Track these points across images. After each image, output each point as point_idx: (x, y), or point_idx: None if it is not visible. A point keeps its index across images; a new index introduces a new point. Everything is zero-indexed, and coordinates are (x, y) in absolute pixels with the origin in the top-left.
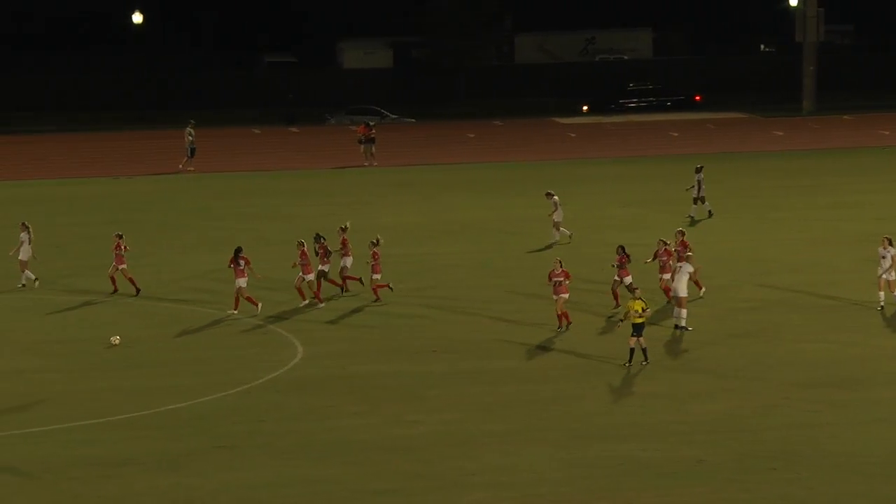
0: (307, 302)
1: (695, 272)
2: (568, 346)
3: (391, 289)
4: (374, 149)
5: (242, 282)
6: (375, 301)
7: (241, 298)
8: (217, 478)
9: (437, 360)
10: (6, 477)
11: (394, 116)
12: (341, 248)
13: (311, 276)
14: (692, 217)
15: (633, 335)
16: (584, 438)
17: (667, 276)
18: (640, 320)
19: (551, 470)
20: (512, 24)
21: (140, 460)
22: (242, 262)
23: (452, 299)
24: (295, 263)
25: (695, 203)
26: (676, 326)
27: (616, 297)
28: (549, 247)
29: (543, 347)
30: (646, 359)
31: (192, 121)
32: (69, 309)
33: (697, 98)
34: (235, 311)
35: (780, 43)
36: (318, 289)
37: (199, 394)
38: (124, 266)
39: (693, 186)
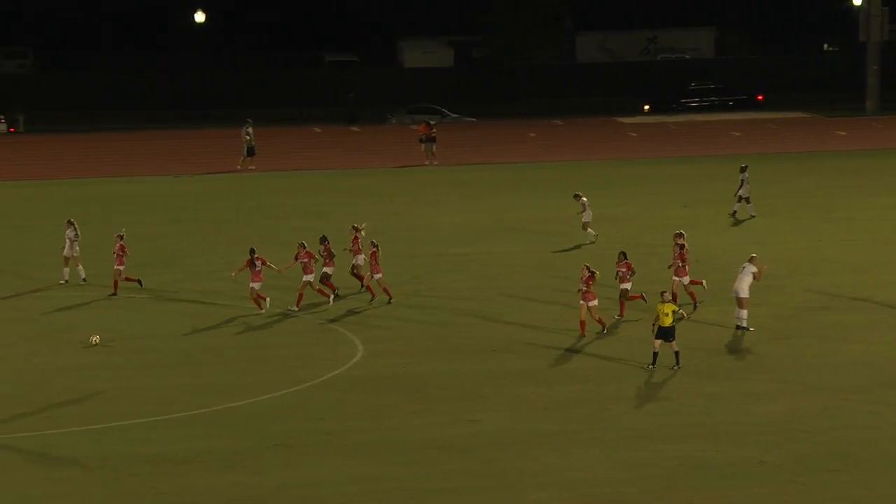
0: (296, 308)
1: (759, 273)
2: (624, 348)
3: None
4: (434, 148)
5: (257, 285)
6: (372, 300)
7: (260, 297)
8: (276, 476)
9: (495, 360)
10: (66, 472)
11: (454, 115)
12: (352, 247)
13: (310, 278)
14: (753, 216)
15: (656, 338)
16: (643, 438)
17: (683, 278)
18: (668, 323)
19: (610, 470)
20: (573, 23)
21: (199, 458)
22: (259, 263)
23: (510, 298)
24: (289, 265)
25: (748, 202)
26: (738, 327)
27: (622, 307)
28: (577, 247)
29: (599, 348)
30: (677, 363)
31: (249, 120)
32: (127, 306)
33: (759, 98)
34: (263, 311)
35: (844, 42)
36: (324, 288)
37: (258, 392)
38: (122, 267)
39: (740, 187)
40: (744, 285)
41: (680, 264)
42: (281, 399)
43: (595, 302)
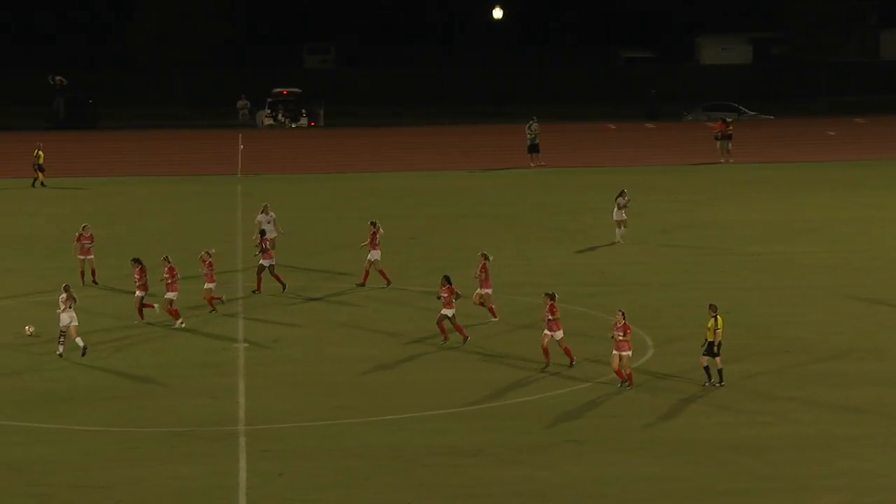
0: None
1: None
2: None
3: (221, 303)
4: (730, 145)
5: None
6: (211, 311)
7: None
8: (564, 471)
9: (790, 361)
10: (358, 462)
11: (751, 113)
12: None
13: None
14: None
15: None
16: None
17: (485, 290)
18: (710, 338)
19: None
20: (877, 19)
21: (489, 451)
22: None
23: (804, 299)
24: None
25: None
26: None
27: (443, 331)
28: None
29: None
30: (720, 379)
31: (534, 117)
32: (420, 300)
33: None
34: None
35: None
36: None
37: (548, 387)
38: None
39: None
40: None
41: (482, 277)
42: (571, 395)
43: (628, 353)
